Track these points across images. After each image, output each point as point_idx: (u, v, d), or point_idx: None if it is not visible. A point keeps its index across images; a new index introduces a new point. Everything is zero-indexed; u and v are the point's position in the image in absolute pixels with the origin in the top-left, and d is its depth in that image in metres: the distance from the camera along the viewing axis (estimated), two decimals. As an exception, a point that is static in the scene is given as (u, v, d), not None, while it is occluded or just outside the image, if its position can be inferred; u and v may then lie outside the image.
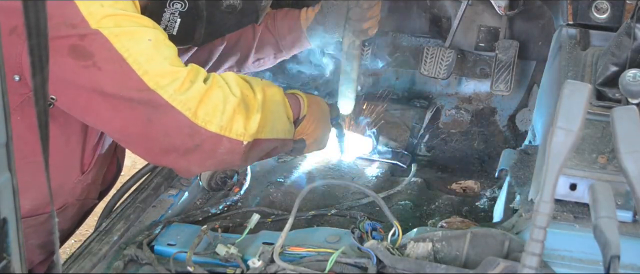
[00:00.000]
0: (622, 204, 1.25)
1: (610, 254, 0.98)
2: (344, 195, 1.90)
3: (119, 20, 1.37)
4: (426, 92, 2.51)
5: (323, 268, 1.31)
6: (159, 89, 1.38)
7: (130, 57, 1.36)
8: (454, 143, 2.34)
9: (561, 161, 1.03)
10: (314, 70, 2.43)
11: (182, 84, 1.40)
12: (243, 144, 1.47)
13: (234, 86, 1.50)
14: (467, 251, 1.30)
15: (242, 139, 1.47)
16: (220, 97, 1.45)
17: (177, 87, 1.39)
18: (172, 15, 1.63)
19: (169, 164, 1.53)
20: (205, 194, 1.89)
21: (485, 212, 1.86)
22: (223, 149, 1.47)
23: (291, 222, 1.42)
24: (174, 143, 1.45)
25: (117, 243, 1.54)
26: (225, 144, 1.46)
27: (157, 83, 1.38)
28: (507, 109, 2.39)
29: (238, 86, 1.50)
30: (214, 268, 1.41)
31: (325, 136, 1.89)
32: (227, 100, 1.45)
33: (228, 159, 1.51)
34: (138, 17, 1.42)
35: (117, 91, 1.38)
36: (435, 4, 2.39)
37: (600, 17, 1.78)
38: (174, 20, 1.64)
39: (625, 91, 1.36)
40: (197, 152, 1.46)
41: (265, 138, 1.54)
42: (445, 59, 2.26)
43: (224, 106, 1.44)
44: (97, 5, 1.36)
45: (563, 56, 1.70)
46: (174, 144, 1.45)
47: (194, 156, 1.47)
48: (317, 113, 1.80)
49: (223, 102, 1.45)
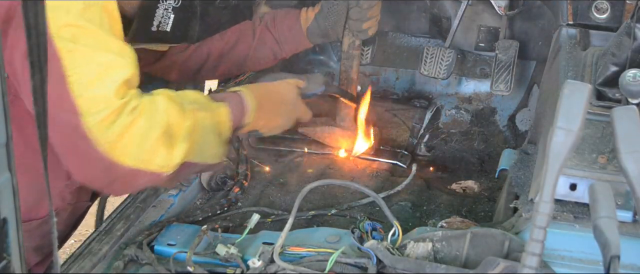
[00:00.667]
0: (622, 204, 1.25)
1: (610, 254, 0.98)
2: (344, 195, 1.90)
3: (77, 35, 1.30)
4: (426, 92, 2.51)
5: (323, 268, 1.31)
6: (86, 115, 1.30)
7: (72, 76, 1.29)
8: (454, 143, 2.34)
9: (561, 161, 1.03)
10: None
11: (108, 117, 1.32)
12: (163, 175, 1.41)
13: (162, 114, 1.39)
14: (467, 251, 1.30)
15: (165, 171, 1.40)
16: (142, 129, 1.35)
17: (102, 118, 1.31)
18: (166, 11, 1.60)
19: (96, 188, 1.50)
20: (205, 194, 1.89)
21: (485, 212, 1.86)
22: (143, 180, 1.41)
23: (291, 222, 1.42)
24: (93, 174, 1.40)
25: (117, 243, 1.54)
26: (144, 177, 1.39)
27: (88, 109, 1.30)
28: (507, 109, 2.39)
29: (166, 112, 1.40)
30: (214, 268, 1.41)
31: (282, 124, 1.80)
32: (149, 133, 1.36)
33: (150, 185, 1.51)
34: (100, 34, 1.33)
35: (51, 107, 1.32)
36: (435, 4, 2.39)
37: (600, 17, 1.78)
38: (168, 17, 1.61)
39: (625, 91, 1.36)
40: (116, 184, 1.41)
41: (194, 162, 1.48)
42: (445, 59, 2.26)
43: (145, 140, 1.36)
44: (64, 10, 1.29)
45: (563, 56, 1.70)
46: (93, 175, 1.41)
47: (115, 187, 1.43)
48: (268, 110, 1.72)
49: (144, 135, 1.36)
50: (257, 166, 2.05)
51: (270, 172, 2.05)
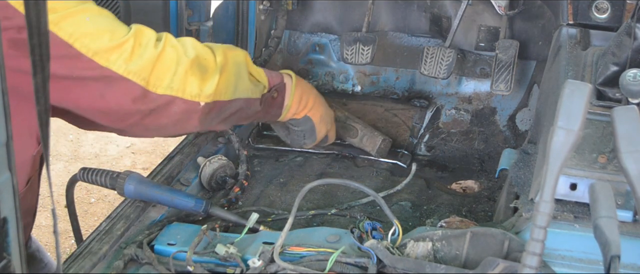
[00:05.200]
0: (622, 203, 1.25)
1: (611, 254, 0.98)
2: (344, 194, 1.90)
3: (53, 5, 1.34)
4: (426, 92, 2.51)
5: (323, 268, 1.31)
6: (110, 65, 1.38)
7: (76, 41, 1.35)
8: (454, 143, 2.34)
9: (561, 161, 1.03)
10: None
11: (132, 52, 1.40)
12: (200, 104, 1.49)
13: (189, 48, 1.50)
14: (467, 250, 1.31)
15: (198, 100, 1.48)
16: (173, 58, 1.45)
17: (126, 57, 1.40)
18: None
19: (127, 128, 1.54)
20: (205, 193, 1.89)
21: (485, 212, 1.86)
22: (177, 109, 1.48)
23: (291, 221, 1.42)
24: (129, 111, 1.46)
25: (117, 242, 1.54)
26: (179, 105, 1.47)
27: (108, 60, 1.38)
28: (507, 108, 2.38)
29: (194, 48, 1.50)
30: (214, 267, 1.42)
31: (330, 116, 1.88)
32: (179, 61, 1.46)
33: (184, 120, 1.52)
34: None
35: (69, 73, 1.38)
36: (435, 4, 2.40)
37: (601, 17, 1.78)
38: None
39: (625, 91, 1.37)
40: (152, 115, 1.48)
41: (227, 99, 1.55)
42: (446, 59, 2.26)
43: (176, 68, 1.45)
44: None
45: (563, 56, 1.70)
46: (129, 112, 1.47)
47: (150, 119, 1.49)
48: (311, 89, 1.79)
49: (175, 64, 1.45)
50: (257, 166, 2.05)
51: (270, 172, 2.05)
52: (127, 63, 1.40)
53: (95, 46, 1.37)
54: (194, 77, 1.47)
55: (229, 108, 1.59)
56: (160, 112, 1.48)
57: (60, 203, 3.36)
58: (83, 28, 1.37)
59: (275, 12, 2.51)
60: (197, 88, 1.48)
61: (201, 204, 1.67)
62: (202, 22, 2.14)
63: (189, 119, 1.53)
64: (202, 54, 1.51)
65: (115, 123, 1.51)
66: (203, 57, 1.51)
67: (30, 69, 1.30)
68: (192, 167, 1.92)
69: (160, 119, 1.50)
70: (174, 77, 1.45)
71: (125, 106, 1.45)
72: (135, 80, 1.41)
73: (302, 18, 2.57)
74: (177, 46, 1.48)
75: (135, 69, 1.41)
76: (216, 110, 1.54)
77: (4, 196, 0.81)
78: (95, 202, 3.55)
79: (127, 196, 1.68)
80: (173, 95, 1.46)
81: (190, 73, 1.47)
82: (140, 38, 1.43)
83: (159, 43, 1.45)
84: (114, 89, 1.41)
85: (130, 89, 1.42)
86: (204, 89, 1.49)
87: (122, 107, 1.45)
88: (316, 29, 2.58)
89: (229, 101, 1.56)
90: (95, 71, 1.38)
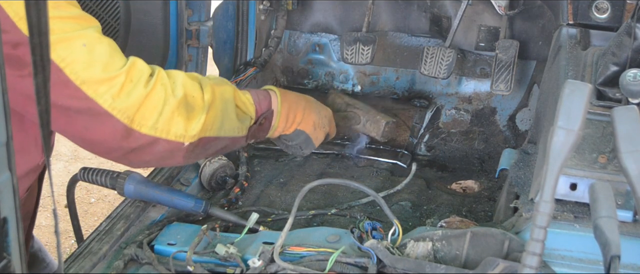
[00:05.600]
0: (622, 203, 1.25)
1: (611, 254, 0.98)
2: (344, 194, 1.90)
3: (52, 27, 1.31)
4: (426, 92, 2.51)
5: (323, 268, 1.31)
6: (97, 97, 1.34)
7: (67, 66, 1.31)
8: (454, 143, 2.34)
9: (561, 161, 1.03)
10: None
11: (121, 89, 1.36)
12: (184, 144, 1.45)
13: (178, 86, 1.45)
14: (467, 250, 1.30)
15: (183, 140, 1.45)
16: (161, 98, 1.41)
17: (115, 93, 1.35)
18: None
19: (112, 160, 1.51)
20: (205, 193, 1.89)
21: (485, 212, 1.86)
22: (161, 148, 1.44)
23: (291, 221, 1.42)
24: (111, 146, 1.43)
25: (117, 242, 1.54)
26: (163, 145, 1.43)
27: (96, 91, 1.34)
28: (507, 108, 2.39)
29: (183, 85, 1.46)
30: (214, 267, 1.42)
31: (325, 118, 1.84)
32: (166, 101, 1.41)
33: (168, 157, 1.50)
34: (70, 18, 1.35)
35: (55, 99, 1.34)
36: (435, 4, 2.40)
37: (601, 17, 1.78)
38: None
39: (625, 91, 1.37)
40: (134, 153, 1.45)
41: (212, 136, 1.52)
42: (446, 59, 2.26)
43: (163, 108, 1.41)
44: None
45: (563, 56, 1.70)
46: (111, 147, 1.43)
47: (133, 155, 1.46)
48: (298, 101, 1.74)
49: (162, 104, 1.41)
50: (257, 166, 2.05)
51: (270, 172, 2.05)
52: (114, 99, 1.36)
53: (86, 75, 1.33)
54: (180, 118, 1.43)
55: (215, 145, 1.56)
56: (143, 151, 1.44)
57: (60, 203, 3.36)
58: (77, 54, 1.33)
59: (275, 12, 2.51)
60: (183, 128, 1.44)
61: (201, 205, 1.66)
62: (202, 22, 2.14)
63: (173, 157, 1.50)
64: (190, 92, 1.47)
65: (101, 155, 1.48)
66: (191, 96, 1.47)
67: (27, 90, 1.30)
68: (192, 167, 1.92)
69: (143, 156, 1.47)
70: (160, 117, 1.41)
71: (108, 141, 1.41)
72: (119, 117, 1.37)
73: (302, 18, 2.58)
74: (166, 84, 1.43)
75: (121, 106, 1.36)
76: (201, 147, 1.51)
77: (4, 196, 0.81)
78: (95, 202, 3.55)
79: (127, 196, 1.68)
80: (157, 136, 1.42)
81: (177, 113, 1.43)
82: (132, 74, 1.38)
83: (150, 80, 1.41)
84: (98, 122, 1.37)
85: (113, 126, 1.37)
86: (190, 129, 1.45)
87: (105, 142, 1.42)
88: (316, 29, 2.58)
89: (214, 137, 1.53)
90: (82, 102, 1.34)
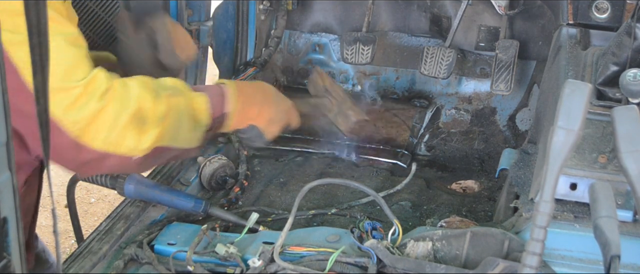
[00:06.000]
0: (622, 203, 1.25)
1: (611, 254, 0.98)
2: (344, 194, 1.90)
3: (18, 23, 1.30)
4: (426, 92, 2.51)
5: (323, 268, 1.31)
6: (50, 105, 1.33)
7: (25, 70, 1.27)
8: (454, 143, 2.34)
9: (561, 161, 1.03)
10: None
11: (75, 101, 1.33)
12: (132, 158, 1.43)
13: (132, 99, 1.41)
14: (467, 250, 1.30)
15: (133, 155, 1.42)
16: (112, 114, 1.37)
17: (67, 104, 1.32)
18: None
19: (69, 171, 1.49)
20: (205, 193, 1.89)
21: (485, 212, 1.86)
22: (113, 162, 1.42)
23: (291, 221, 1.42)
24: (65, 157, 1.41)
25: (117, 242, 1.54)
26: (113, 160, 1.41)
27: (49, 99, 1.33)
28: (507, 108, 2.39)
29: (137, 99, 1.42)
30: (214, 267, 1.41)
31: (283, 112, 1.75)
32: (119, 116, 1.38)
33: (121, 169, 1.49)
34: None
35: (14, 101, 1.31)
36: (435, 4, 2.40)
37: (601, 16, 1.78)
38: None
39: (625, 91, 1.37)
40: (87, 166, 1.43)
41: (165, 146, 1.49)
42: (446, 59, 2.27)
43: (114, 122, 1.37)
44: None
45: (563, 56, 1.70)
46: (65, 158, 1.41)
47: (86, 168, 1.45)
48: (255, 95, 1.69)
49: (114, 119, 1.37)
50: (257, 166, 2.05)
51: (270, 172, 2.05)
52: (65, 111, 1.32)
53: None
54: (132, 132, 1.40)
55: (167, 154, 1.53)
56: (95, 164, 1.42)
57: (60, 203, 3.36)
58: None
59: (275, 12, 2.51)
60: (134, 142, 1.41)
61: (201, 204, 1.66)
62: (202, 22, 2.14)
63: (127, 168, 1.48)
64: (144, 105, 1.43)
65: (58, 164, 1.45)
66: (144, 109, 1.43)
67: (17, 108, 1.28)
68: (192, 167, 1.92)
69: (96, 169, 1.46)
70: (111, 132, 1.37)
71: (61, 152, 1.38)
72: (68, 129, 1.33)
73: (302, 18, 2.58)
74: (121, 98, 1.39)
75: (71, 119, 1.33)
76: (153, 156, 1.48)
77: (4, 196, 0.81)
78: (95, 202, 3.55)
79: (127, 195, 1.68)
80: (108, 151, 1.38)
81: (129, 128, 1.39)
82: (90, 87, 1.34)
83: (105, 95, 1.36)
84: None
85: (62, 138, 1.34)
86: (141, 142, 1.42)
87: (58, 153, 1.39)
88: (316, 29, 2.58)
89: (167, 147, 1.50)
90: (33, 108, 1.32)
